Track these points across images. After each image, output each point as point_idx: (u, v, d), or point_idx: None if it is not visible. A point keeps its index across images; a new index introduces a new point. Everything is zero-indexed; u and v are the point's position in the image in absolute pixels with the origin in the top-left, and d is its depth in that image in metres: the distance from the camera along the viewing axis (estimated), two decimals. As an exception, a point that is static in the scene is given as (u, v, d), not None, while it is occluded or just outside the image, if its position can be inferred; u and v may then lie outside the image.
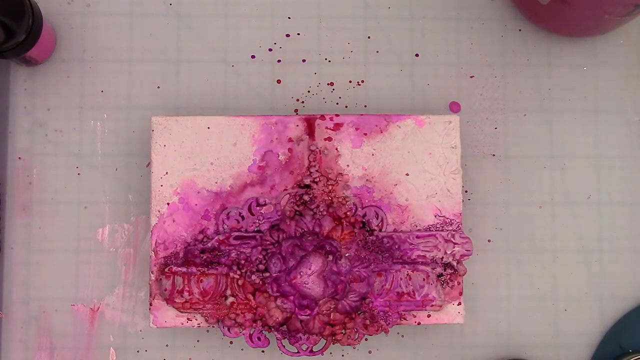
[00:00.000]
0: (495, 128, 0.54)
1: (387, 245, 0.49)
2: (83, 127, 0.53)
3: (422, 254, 0.49)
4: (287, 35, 0.54)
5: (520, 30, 0.55)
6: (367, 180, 0.50)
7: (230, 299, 0.48)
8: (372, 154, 0.50)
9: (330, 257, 0.49)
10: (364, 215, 0.49)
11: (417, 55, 0.54)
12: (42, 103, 0.53)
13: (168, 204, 0.49)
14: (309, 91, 0.54)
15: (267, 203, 0.49)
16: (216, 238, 0.49)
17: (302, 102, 0.54)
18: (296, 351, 0.49)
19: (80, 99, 0.53)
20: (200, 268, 0.48)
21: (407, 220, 0.49)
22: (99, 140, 0.53)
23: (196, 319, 0.48)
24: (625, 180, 0.54)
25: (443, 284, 0.49)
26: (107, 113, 0.53)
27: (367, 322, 0.49)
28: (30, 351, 0.52)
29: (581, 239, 0.54)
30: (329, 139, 0.50)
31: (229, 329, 0.48)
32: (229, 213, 0.49)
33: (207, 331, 0.52)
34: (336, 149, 0.50)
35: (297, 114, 0.53)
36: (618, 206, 0.54)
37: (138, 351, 0.52)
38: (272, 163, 0.49)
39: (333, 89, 0.54)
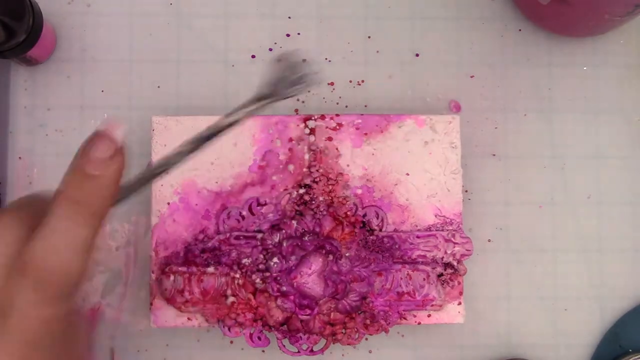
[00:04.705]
0: (495, 128, 0.54)
1: (388, 245, 0.49)
2: (83, 127, 0.53)
3: (422, 254, 0.49)
4: (287, 35, 0.54)
5: (520, 30, 0.55)
6: (367, 180, 0.50)
7: (231, 299, 0.48)
8: (373, 154, 0.50)
9: (331, 257, 0.49)
10: (364, 215, 0.49)
11: (417, 55, 0.54)
12: (42, 103, 0.53)
13: (168, 203, 0.49)
14: (309, 91, 0.54)
15: (268, 203, 0.49)
16: (217, 238, 0.49)
17: (302, 101, 0.54)
18: (296, 351, 0.49)
19: (81, 99, 0.53)
20: (201, 268, 0.48)
21: (408, 220, 0.49)
22: (99, 140, 0.53)
23: (196, 319, 0.48)
24: (625, 180, 0.54)
25: (443, 284, 0.49)
26: (107, 113, 0.53)
27: (368, 321, 0.49)
28: (30, 351, 0.51)
29: (581, 239, 0.54)
30: (330, 138, 0.50)
31: (229, 329, 0.48)
32: (229, 213, 0.49)
33: (208, 331, 0.52)
34: (336, 149, 0.50)
35: (297, 113, 0.53)
36: (618, 206, 0.54)
37: (138, 351, 0.52)
38: (272, 163, 0.49)
39: (333, 89, 0.54)
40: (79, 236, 0.33)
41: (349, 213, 0.49)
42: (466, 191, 0.53)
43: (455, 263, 0.49)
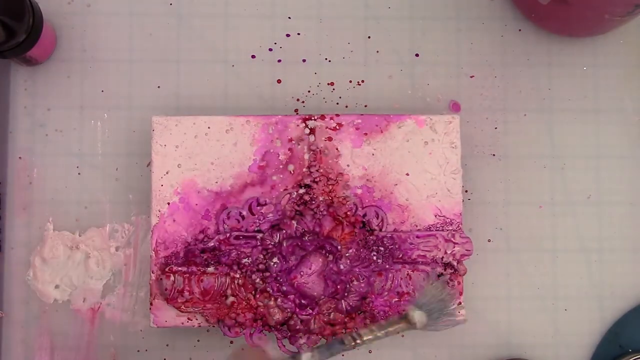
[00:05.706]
0: (495, 128, 0.54)
1: (388, 245, 0.49)
2: (83, 127, 0.53)
3: (422, 254, 0.49)
4: (287, 35, 0.54)
5: (520, 30, 0.55)
6: (367, 180, 0.50)
7: (231, 299, 0.48)
8: (373, 154, 0.50)
9: (331, 257, 0.49)
10: (364, 215, 0.49)
11: (417, 55, 0.54)
12: (42, 103, 0.53)
13: (168, 203, 0.49)
14: (309, 91, 0.54)
15: (268, 203, 0.49)
16: (216, 238, 0.49)
17: (302, 102, 0.54)
18: (296, 351, 0.49)
19: (81, 99, 0.53)
20: (201, 268, 0.48)
21: (408, 220, 0.49)
22: (99, 140, 0.53)
23: (196, 319, 0.48)
24: (625, 180, 0.54)
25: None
26: (107, 113, 0.53)
27: (367, 321, 0.49)
28: (30, 351, 0.52)
29: (581, 239, 0.54)
30: (329, 138, 0.50)
31: (229, 329, 0.48)
32: (229, 213, 0.49)
33: (207, 331, 0.52)
34: (336, 149, 0.50)
35: (297, 113, 0.53)
36: (618, 206, 0.54)
37: (138, 351, 0.52)
38: (272, 163, 0.49)
39: (333, 89, 0.54)
40: None
41: (349, 213, 0.49)
42: (466, 191, 0.53)
43: (455, 263, 0.49)
